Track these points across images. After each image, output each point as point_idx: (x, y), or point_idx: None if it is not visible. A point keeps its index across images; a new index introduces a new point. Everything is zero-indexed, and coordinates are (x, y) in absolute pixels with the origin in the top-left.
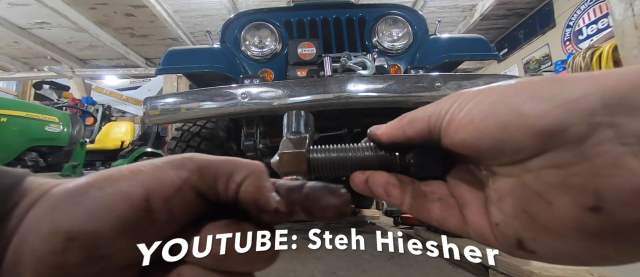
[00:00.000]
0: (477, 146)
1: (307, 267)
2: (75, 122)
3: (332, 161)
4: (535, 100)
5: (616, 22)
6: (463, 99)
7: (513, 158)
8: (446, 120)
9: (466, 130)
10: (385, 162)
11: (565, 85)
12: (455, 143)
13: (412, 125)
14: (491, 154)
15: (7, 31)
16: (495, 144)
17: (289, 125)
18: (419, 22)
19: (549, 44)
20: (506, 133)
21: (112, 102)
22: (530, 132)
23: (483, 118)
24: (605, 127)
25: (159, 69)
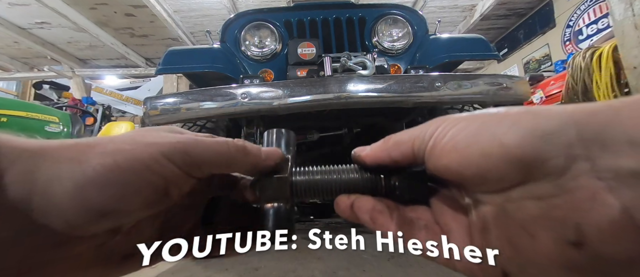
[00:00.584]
0: (461, 172)
1: (307, 267)
2: (75, 122)
3: (315, 184)
4: (515, 129)
5: (616, 22)
6: (446, 124)
7: (496, 186)
8: (430, 145)
9: (450, 157)
10: (370, 185)
11: (543, 117)
12: (439, 168)
13: (397, 147)
14: (475, 181)
15: (7, 31)
16: (479, 172)
17: (268, 144)
18: (419, 22)
19: (549, 44)
20: (489, 162)
21: (112, 102)
22: (512, 162)
23: (467, 145)
24: (582, 160)
25: (159, 69)
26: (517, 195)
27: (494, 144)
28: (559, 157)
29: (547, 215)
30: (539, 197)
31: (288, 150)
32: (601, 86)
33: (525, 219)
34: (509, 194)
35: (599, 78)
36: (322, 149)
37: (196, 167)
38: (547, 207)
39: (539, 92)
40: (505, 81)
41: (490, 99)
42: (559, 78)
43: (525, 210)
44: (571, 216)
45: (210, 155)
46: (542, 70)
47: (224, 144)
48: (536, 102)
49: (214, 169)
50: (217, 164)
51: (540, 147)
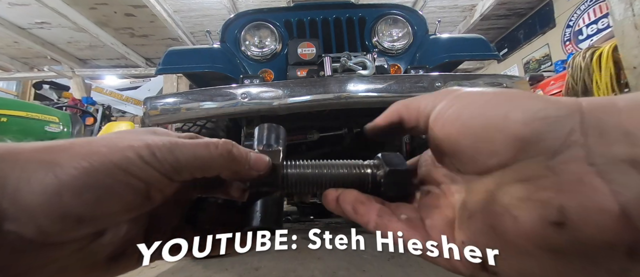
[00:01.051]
0: (458, 142)
1: (307, 267)
2: (75, 122)
3: (306, 177)
4: (522, 109)
5: (616, 22)
6: (456, 95)
7: (486, 161)
8: (435, 112)
9: (453, 125)
10: (358, 180)
11: (553, 104)
12: (439, 136)
13: (406, 107)
14: (468, 153)
15: (7, 31)
16: (475, 144)
17: (260, 138)
18: (419, 22)
19: (549, 44)
20: (487, 133)
21: (112, 102)
22: (509, 137)
23: (472, 116)
24: (578, 146)
25: (159, 69)
26: (505, 178)
27: (498, 118)
28: (555, 140)
29: (532, 196)
30: (526, 178)
31: (278, 143)
32: (601, 86)
33: (510, 201)
34: (498, 177)
35: (599, 78)
36: (322, 148)
37: (176, 171)
38: (534, 188)
39: (539, 92)
40: (505, 81)
41: None
42: (559, 78)
43: (511, 192)
44: (556, 197)
45: (190, 159)
46: (542, 70)
47: (206, 147)
48: None
49: (195, 173)
50: (199, 168)
51: (541, 128)
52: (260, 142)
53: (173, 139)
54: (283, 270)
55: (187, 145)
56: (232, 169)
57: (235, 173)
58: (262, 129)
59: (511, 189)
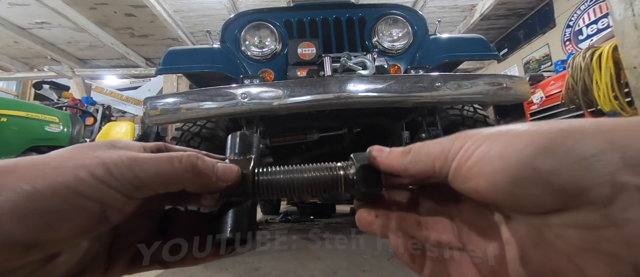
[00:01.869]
0: (491, 197)
1: (307, 267)
2: (75, 122)
3: (278, 183)
4: (548, 154)
5: (616, 22)
6: (470, 143)
7: (533, 210)
8: (454, 167)
9: (477, 181)
10: (330, 181)
11: (576, 137)
12: (466, 190)
13: (414, 165)
14: (508, 206)
15: (7, 31)
16: (511, 199)
17: (231, 147)
18: (419, 22)
19: (549, 44)
20: (521, 189)
21: (112, 102)
22: (548, 189)
23: (493, 171)
24: (632, 190)
25: (159, 69)
26: (557, 221)
27: (524, 170)
28: (603, 186)
29: (596, 248)
30: (583, 226)
31: (251, 151)
32: (601, 86)
33: (569, 249)
34: (547, 219)
35: (599, 78)
36: (322, 148)
37: (136, 189)
38: (596, 239)
39: (539, 92)
40: (505, 81)
41: (490, 99)
42: (559, 78)
43: (568, 239)
44: (627, 253)
45: (151, 175)
46: (542, 70)
47: (169, 162)
48: (536, 102)
49: (158, 189)
50: (162, 185)
51: (580, 175)
52: (232, 151)
53: (132, 154)
54: (283, 270)
55: (147, 161)
56: (198, 183)
57: (203, 187)
58: (234, 137)
59: (567, 234)
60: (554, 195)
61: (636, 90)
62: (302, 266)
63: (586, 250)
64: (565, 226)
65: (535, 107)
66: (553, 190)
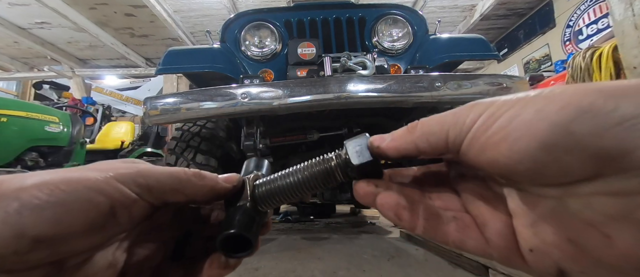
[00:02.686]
0: (511, 167)
1: (307, 267)
2: (75, 122)
3: (276, 189)
4: (587, 116)
5: (616, 22)
6: (492, 110)
7: (556, 180)
8: (470, 137)
9: (498, 150)
10: (326, 174)
11: (621, 98)
12: (481, 162)
13: (426, 138)
14: (528, 175)
15: (7, 31)
16: (535, 167)
17: (246, 170)
18: (419, 22)
19: (549, 44)
20: (552, 155)
21: (112, 102)
22: (584, 154)
23: (520, 137)
24: None
25: (159, 69)
26: (586, 190)
27: (557, 134)
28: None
29: (630, 216)
30: (616, 193)
31: (260, 171)
32: None
33: (596, 217)
34: (572, 189)
35: (599, 78)
36: (322, 149)
37: (147, 190)
38: (631, 206)
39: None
40: (505, 81)
41: None
42: (559, 78)
43: (597, 207)
44: None
45: (163, 178)
46: (542, 70)
47: (180, 170)
48: None
49: (168, 194)
50: (171, 188)
51: (624, 136)
52: (246, 173)
53: (148, 165)
54: (283, 270)
55: (160, 168)
56: (204, 185)
57: (211, 190)
58: (249, 162)
59: (596, 202)
60: (587, 161)
61: None
62: (302, 266)
63: (616, 218)
64: (594, 195)
65: None
66: (588, 155)
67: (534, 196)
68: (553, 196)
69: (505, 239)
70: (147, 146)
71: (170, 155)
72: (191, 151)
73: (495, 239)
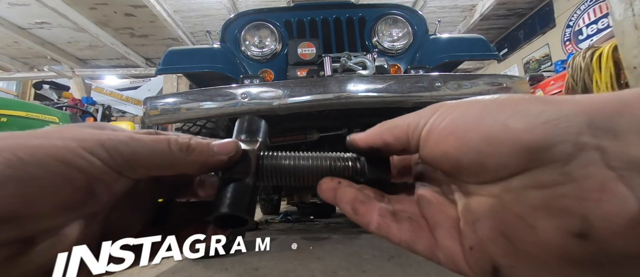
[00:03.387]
0: (458, 158)
1: (307, 267)
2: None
3: (284, 168)
4: (521, 115)
5: (616, 22)
6: (444, 109)
7: (495, 175)
8: (426, 130)
9: (447, 142)
10: (338, 169)
11: (551, 104)
12: (435, 154)
13: (390, 131)
14: (472, 168)
15: (7, 31)
16: (478, 158)
17: (239, 130)
18: (419, 22)
19: (549, 44)
20: (491, 146)
21: (112, 102)
22: (517, 146)
23: (467, 130)
24: (592, 149)
25: (159, 69)
26: (518, 184)
27: (497, 128)
28: (566, 143)
29: (551, 204)
30: (542, 185)
31: (258, 135)
32: (601, 86)
33: (524, 209)
34: (508, 183)
35: (599, 78)
36: (322, 148)
37: (129, 166)
38: (551, 196)
39: (539, 92)
40: (505, 81)
41: None
42: (559, 78)
43: (525, 200)
44: (578, 205)
45: (146, 154)
46: (542, 70)
47: (165, 141)
48: None
49: (152, 170)
50: (156, 165)
51: (547, 132)
52: (239, 133)
53: (128, 133)
54: (283, 270)
55: (143, 139)
56: (195, 161)
57: (202, 164)
58: (242, 121)
59: (525, 195)
60: (521, 154)
61: None
62: (302, 266)
63: (540, 208)
64: (524, 188)
65: None
66: (522, 147)
67: (477, 196)
68: (493, 193)
69: (451, 240)
70: None
71: None
72: None
73: (443, 240)
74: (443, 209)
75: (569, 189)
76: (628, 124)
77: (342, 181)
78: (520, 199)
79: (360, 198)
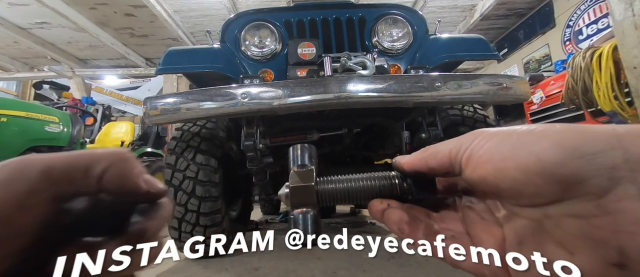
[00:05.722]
0: (496, 184)
1: (307, 267)
2: (75, 122)
3: (338, 192)
4: (555, 149)
5: (616, 22)
6: (483, 137)
7: (532, 201)
8: (466, 156)
9: (485, 168)
10: (386, 189)
11: (587, 137)
12: (474, 179)
13: (434, 157)
14: (510, 194)
15: (7, 31)
16: (514, 186)
17: (294, 159)
18: (419, 22)
19: (549, 44)
20: (525, 176)
21: (112, 102)
22: (550, 179)
23: (503, 159)
24: (627, 183)
25: (159, 69)
26: (556, 211)
27: (530, 160)
28: (601, 177)
29: (588, 234)
30: (578, 215)
31: (311, 162)
32: (601, 86)
33: (563, 236)
34: (546, 210)
35: (599, 78)
36: (323, 149)
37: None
38: (588, 226)
39: (539, 92)
40: (505, 81)
41: (490, 99)
42: (559, 78)
43: (564, 227)
44: (614, 238)
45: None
46: (542, 70)
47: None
48: (536, 102)
49: None
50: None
51: (581, 167)
52: (295, 162)
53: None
54: (283, 270)
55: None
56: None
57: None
58: (296, 149)
59: (563, 223)
60: (554, 185)
61: (636, 90)
62: (302, 266)
63: (578, 236)
64: (562, 216)
65: (535, 107)
66: (555, 180)
67: (520, 218)
68: (534, 217)
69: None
70: (147, 146)
71: (170, 155)
72: (191, 151)
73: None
74: (487, 227)
75: (605, 221)
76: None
77: (391, 202)
78: (559, 226)
79: (405, 219)
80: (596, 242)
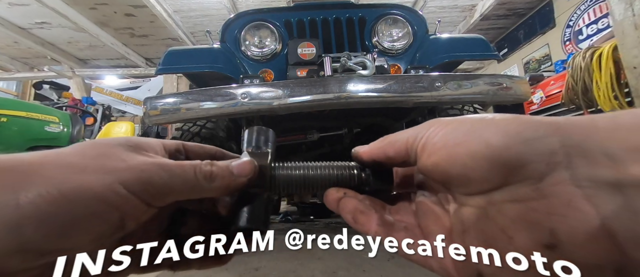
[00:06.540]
0: (447, 170)
1: (307, 267)
2: (75, 122)
3: (294, 178)
4: (502, 134)
5: (616, 22)
6: (439, 124)
7: (479, 187)
8: (422, 144)
9: (439, 155)
10: (345, 179)
11: (530, 124)
12: (428, 166)
13: (392, 145)
14: (460, 180)
15: (7, 31)
16: (464, 171)
17: (249, 141)
18: (419, 22)
19: (549, 44)
20: (474, 161)
21: (112, 102)
22: (496, 162)
23: (455, 144)
24: (563, 168)
25: (159, 69)
26: (499, 197)
27: (480, 145)
28: (539, 162)
29: (525, 217)
30: (518, 199)
31: (267, 146)
32: (601, 86)
33: (504, 221)
34: (491, 196)
35: (599, 78)
36: (322, 148)
37: (159, 197)
38: (525, 209)
39: (539, 92)
40: (505, 81)
41: (490, 99)
42: (559, 78)
43: (505, 212)
44: (547, 219)
45: (175, 184)
46: (542, 70)
47: (191, 170)
48: (536, 102)
49: (179, 197)
50: (183, 194)
51: (523, 151)
52: (250, 144)
53: (157, 161)
54: (283, 270)
55: (172, 169)
56: (217, 187)
57: (225, 189)
58: (252, 131)
59: (504, 208)
60: (499, 169)
61: (636, 90)
62: (302, 266)
63: (516, 220)
64: (504, 201)
65: (535, 107)
66: (499, 164)
67: (467, 207)
68: (479, 205)
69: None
70: None
71: None
72: None
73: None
74: (437, 219)
75: (540, 204)
76: (596, 146)
77: (347, 191)
78: (501, 211)
79: (360, 208)
80: (532, 224)
